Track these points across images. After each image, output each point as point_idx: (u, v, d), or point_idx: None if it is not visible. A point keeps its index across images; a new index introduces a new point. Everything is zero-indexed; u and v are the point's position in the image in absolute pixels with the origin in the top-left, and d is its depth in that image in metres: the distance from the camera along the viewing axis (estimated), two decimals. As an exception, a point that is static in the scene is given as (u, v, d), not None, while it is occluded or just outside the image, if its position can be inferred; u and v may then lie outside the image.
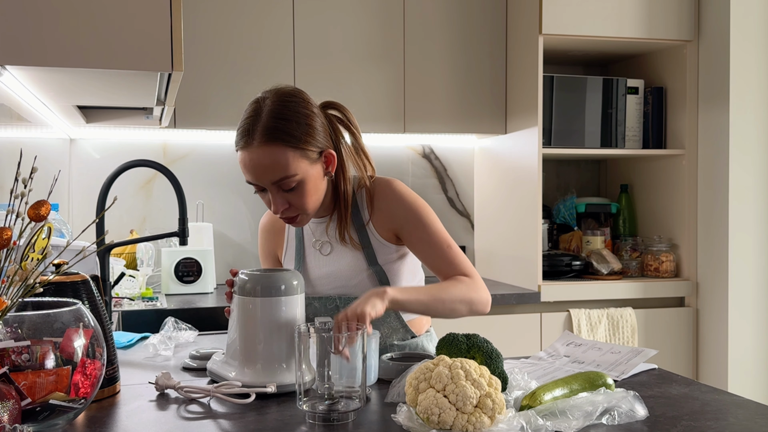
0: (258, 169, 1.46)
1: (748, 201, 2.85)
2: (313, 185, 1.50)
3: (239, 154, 1.50)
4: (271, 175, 1.46)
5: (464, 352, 1.29)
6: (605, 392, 1.20)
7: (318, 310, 1.62)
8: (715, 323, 2.90)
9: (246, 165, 1.48)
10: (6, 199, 2.61)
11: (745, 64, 2.83)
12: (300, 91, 1.53)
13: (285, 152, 1.44)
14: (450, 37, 2.99)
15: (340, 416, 1.14)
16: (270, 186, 1.48)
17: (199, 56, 2.75)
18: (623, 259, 3.09)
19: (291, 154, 1.45)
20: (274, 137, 1.44)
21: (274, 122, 1.45)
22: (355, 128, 1.61)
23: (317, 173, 1.51)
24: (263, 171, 1.46)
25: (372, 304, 1.35)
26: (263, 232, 1.78)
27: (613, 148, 3.05)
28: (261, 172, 1.46)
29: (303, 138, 1.46)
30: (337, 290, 1.61)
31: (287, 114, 1.46)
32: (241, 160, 1.49)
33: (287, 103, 1.48)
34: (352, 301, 1.57)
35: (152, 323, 2.36)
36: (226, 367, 1.36)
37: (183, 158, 3.06)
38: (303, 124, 1.47)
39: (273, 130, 1.44)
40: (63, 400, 1.04)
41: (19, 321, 1.04)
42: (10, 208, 1.01)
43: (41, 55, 1.33)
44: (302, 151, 1.46)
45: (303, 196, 1.49)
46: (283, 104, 1.48)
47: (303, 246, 1.67)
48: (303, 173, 1.47)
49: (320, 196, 1.54)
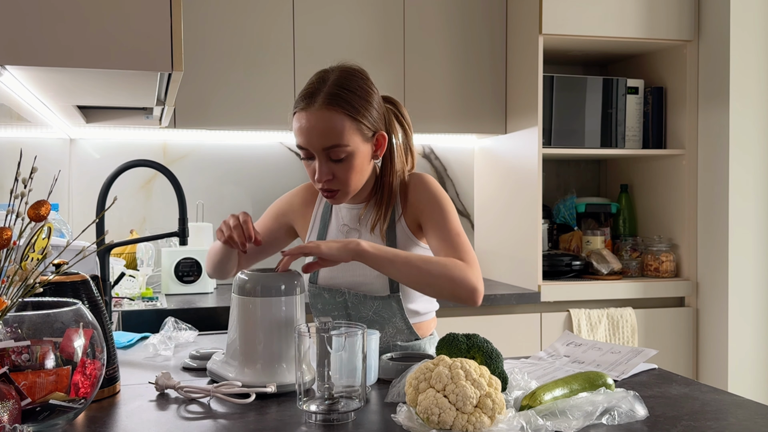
0: (313, 132, 1.48)
1: (748, 201, 2.85)
2: (360, 163, 1.53)
3: (296, 116, 1.52)
4: (325, 140, 1.48)
5: (464, 352, 1.29)
6: (605, 392, 1.20)
7: (327, 301, 1.62)
8: (715, 323, 2.90)
9: (302, 127, 1.50)
10: (6, 199, 2.61)
11: (745, 64, 2.83)
12: (365, 71, 1.59)
13: (342, 120, 1.48)
14: (450, 37, 2.99)
15: (340, 416, 1.14)
16: (320, 152, 1.50)
17: (199, 56, 2.75)
18: (623, 259, 3.09)
19: (348, 123, 1.48)
20: (335, 103, 1.48)
21: (337, 89, 1.49)
22: (408, 125, 1.65)
23: (366, 152, 1.54)
24: (318, 135, 1.48)
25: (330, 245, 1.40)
26: (294, 195, 1.75)
27: (613, 148, 3.05)
28: (316, 135, 1.48)
29: (361, 111, 1.50)
30: (351, 279, 1.60)
31: (351, 85, 1.51)
32: (298, 122, 1.51)
33: (352, 77, 1.53)
34: (360, 297, 1.58)
35: (152, 323, 2.36)
36: (226, 367, 1.36)
37: (183, 158, 3.06)
38: (364, 99, 1.51)
39: (335, 97, 1.48)
40: (63, 400, 1.04)
41: (19, 321, 1.04)
42: (10, 208, 1.01)
43: (41, 55, 1.33)
44: (358, 124, 1.50)
45: (349, 170, 1.51)
46: (348, 76, 1.53)
47: (326, 230, 1.67)
48: (354, 146, 1.50)
49: (364, 177, 1.56)
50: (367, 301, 1.58)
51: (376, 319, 1.59)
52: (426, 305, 1.64)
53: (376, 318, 1.59)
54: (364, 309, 1.59)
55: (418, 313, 1.63)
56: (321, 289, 1.63)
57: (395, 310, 1.58)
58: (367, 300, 1.58)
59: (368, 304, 1.58)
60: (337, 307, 1.61)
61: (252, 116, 2.80)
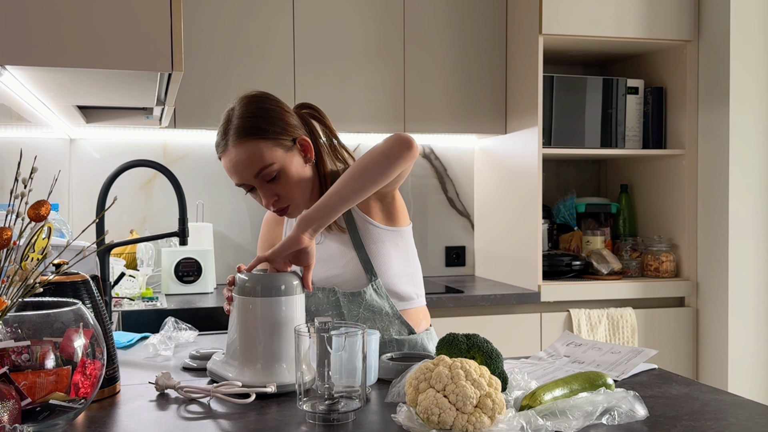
0: (239, 167, 1.57)
1: (748, 201, 2.85)
2: (296, 173, 1.59)
3: (222, 162, 1.61)
4: (251, 169, 1.56)
5: (464, 352, 1.29)
6: (605, 392, 1.20)
7: (321, 301, 1.64)
8: (715, 323, 2.90)
9: (229, 167, 1.59)
10: (6, 199, 2.61)
11: (745, 64, 2.83)
12: (263, 92, 1.66)
13: (258, 145, 1.55)
14: (450, 37, 2.99)
15: (340, 416, 1.14)
16: (254, 181, 1.58)
17: (199, 56, 2.75)
18: (623, 259, 3.09)
19: (264, 145, 1.56)
20: (245, 134, 1.56)
21: (241, 121, 1.57)
22: (328, 123, 1.70)
23: (297, 161, 1.61)
24: (243, 167, 1.56)
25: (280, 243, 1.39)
26: (265, 224, 1.84)
27: (613, 148, 3.05)
28: (242, 168, 1.56)
29: (272, 129, 1.57)
30: (327, 273, 1.64)
31: (253, 111, 1.59)
32: (225, 166, 1.60)
33: (251, 103, 1.61)
34: (348, 295, 1.61)
35: (152, 323, 2.36)
36: (226, 367, 1.36)
37: (183, 158, 3.06)
38: (270, 118, 1.59)
39: (241, 129, 1.56)
40: (63, 400, 1.04)
41: (19, 321, 1.04)
42: (10, 208, 1.01)
43: (41, 55, 1.33)
44: (274, 140, 1.57)
45: (287, 185, 1.59)
46: (247, 105, 1.60)
47: None
48: (280, 162, 1.57)
49: (305, 185, 1.62)
50: (356, 298, 1.61)
51: (368, 316, 1.61)
52: (407, 288, 1.67)
53: (368, 315, 1.62)
54: (354, 307, 1.62)
55: (400, 297, 1.65)
56: (317, 290, 1.65)
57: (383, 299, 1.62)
58: (356, 297, 1.61)
59: (357, 300, 1.61)
60: (330, 306, 1.63)
61: (252, 116, 2.80)
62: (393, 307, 1.63)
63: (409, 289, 1.67)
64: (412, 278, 1.69)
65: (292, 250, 1.39)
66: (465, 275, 3.36)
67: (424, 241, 3.30)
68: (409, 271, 1.69)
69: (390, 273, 1.63)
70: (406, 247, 1.69)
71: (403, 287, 1.66)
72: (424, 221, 3.31)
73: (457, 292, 2.82)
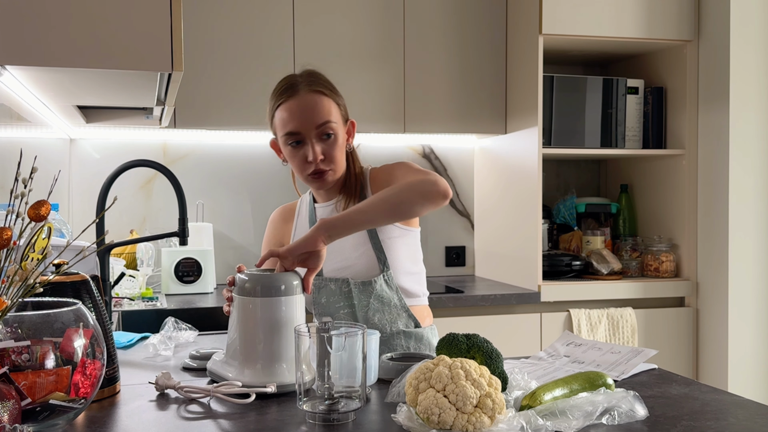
0: (305, 113, 1.59)
1: (748, 201, 2.85)
2: (341, 143, 1.66)
3: (281, 108, 1.61)
4: (317, 117, 1.60)
5: (464, 352, 1.29)
6: (605, 392, 1.20)
7: (333, 292, 1.68)
8: (715, 323, 2.90)
9: (292, 112, 1.60)
10: (6, 199, 2.61)
11: (745, 64, 2.83)
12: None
13: (328, 100, 1.62)
14: (450, 37, 2.99)
15: (340, 416, 1.14)
16: (312, 131, 1.60)
17: (199, 56, 2.75)
18: (623, 259, 3.09)
19: (332, 103, 1.63)
20: (316, 85, 1.62)
21: (314, 78, 1.64)
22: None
23: (343, 136, 1.67)
24: (311, 112, 1.59)
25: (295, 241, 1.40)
26: (273, 222, 1.85)
27: (613, 148, 3.05)
28: (309, 113, 1.59)
29: (337, 94, 1.66)
30: (341, 264, 1.67)
31: (322, 77, 1.67)
32: (286, 111, 1.60)
33: (318, 73, 1.68)
34: (359, 285, 1.65)
35: (152, 323, 2.36)
36: (226, 367, 1.36)
37: (183, 158, 3.06)
38: (334, 87, 1.67)
39: (315, 83, 1.63)
40: (63, 400, 1.04)
41: (19, 321, 1.04)
42: (10, 208, 1.01)
43: (41, 55, 1.33)
44: (337, 106, 1.65)
45: (336, 147, 1.63)
46: (315, 72, 1.67)
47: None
48: (337, 125, 1.64)
49: (344, 161, 1.67)
50: (367, 288, 1.65)
51: (377, 306, 1.65)
52: (413, 285, 1.71)
53: (377, 305, 1.65)
54: (364, 297, 1.65)
55: (407, 293, 1.70)
56: (327, 281, 1.68)
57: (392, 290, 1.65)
58: (366, 286, 1.64)
59: (368, 290, 1.65)
60: (342, 297, 1.67)
61: (252, 116, 2.80)
62: (402, 299, 1.68)
63: (415, 287, 1.72)
64: (419, 277, 1.74)
65: (306, 250, 1.39)
66: (465, 275, 3.37)
67: (424, 241, 3.30)
68: (416, 270, 1.74)
69: (400, 269, 1.68)
70: (415, 248, 1.74)
71: (411, 284, 1.71)
72: (425, 221, 3.31)
73: (457, 292, 2.82)
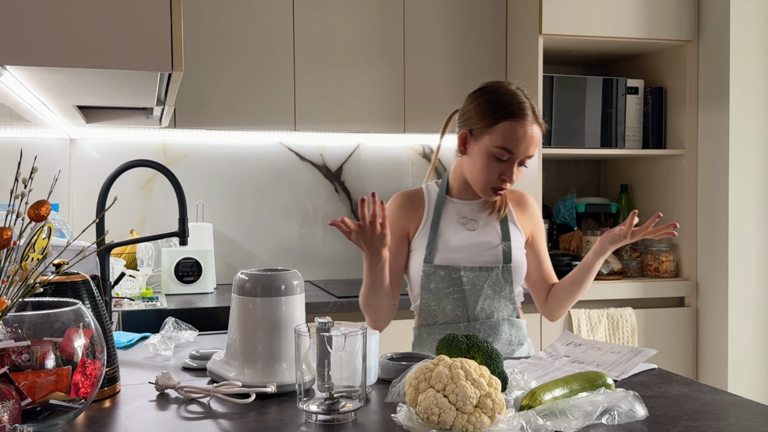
0: (527, 142, 1.67)
1: (748, 201, 2.85)
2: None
3: (508, 123, 1.67)
4: (531, 150, 1.69)
5: (464, 352, 1.29)
6: (605, 392, 1.20)
7: (442, 278, 1.73)
8: (715, 323, 2.90)
9: (519, 136, 1.67)
10: (6, 199, 2.61)
11: (745, 64, 2.83)
12: None
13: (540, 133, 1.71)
14: (450, 37, 2.99)
15: (340, 416, 1.14)
16: (520, 158, 1.69)
17: (199, 56, 2.75)
18: (623, 259, 3.09)
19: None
20: (540, 119, 1.71)
21: (536, 106, 1.71)
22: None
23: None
24: (529, 144, 1.68)
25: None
26: (402, 205, 1.84)
27: (613, 148, 3.04)
28: (528, 144, 1.68)
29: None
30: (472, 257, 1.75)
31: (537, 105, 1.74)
32: (512, 130, 1.66)
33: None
34: (475, 270, 1.72)
35: (152, 323, 2.36)
36: (226, 367, 1.36)
37: (183, 158, 3.06)
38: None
39: (539, 114, 1.71)
40: (63, 400, 1.04)
41: (19, 321, 1.04)
42: (10, 208, 1.01)
43: (41, 55, 1.33)
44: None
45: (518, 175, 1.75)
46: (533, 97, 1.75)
47: (439, 220, 1.79)
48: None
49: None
50: (482, 273, 1.73)
51: (489, 294, 1.73)
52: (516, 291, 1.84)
53: (489, 292, 1.73)
54: (479, 281, 1.72)
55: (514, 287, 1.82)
56: (437, 268, 1.73)
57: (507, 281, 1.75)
58: (482, 272, 1.73)
59: (483, 276, 1.72)
60: (452, 283, 1.72)
61: (252, 116, 2.81)
62: (512, 292, 1.76)
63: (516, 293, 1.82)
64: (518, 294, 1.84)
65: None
66: (465, 275, 3.36)
67: (424, 241, 3.30)
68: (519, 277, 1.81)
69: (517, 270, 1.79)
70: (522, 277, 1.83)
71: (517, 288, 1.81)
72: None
73: (457, 292, 2.81)
